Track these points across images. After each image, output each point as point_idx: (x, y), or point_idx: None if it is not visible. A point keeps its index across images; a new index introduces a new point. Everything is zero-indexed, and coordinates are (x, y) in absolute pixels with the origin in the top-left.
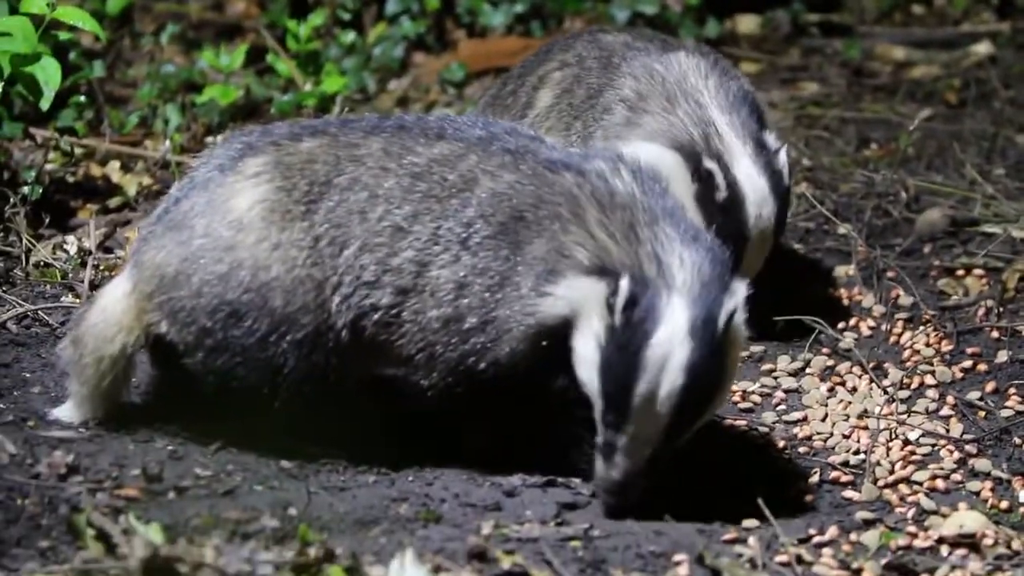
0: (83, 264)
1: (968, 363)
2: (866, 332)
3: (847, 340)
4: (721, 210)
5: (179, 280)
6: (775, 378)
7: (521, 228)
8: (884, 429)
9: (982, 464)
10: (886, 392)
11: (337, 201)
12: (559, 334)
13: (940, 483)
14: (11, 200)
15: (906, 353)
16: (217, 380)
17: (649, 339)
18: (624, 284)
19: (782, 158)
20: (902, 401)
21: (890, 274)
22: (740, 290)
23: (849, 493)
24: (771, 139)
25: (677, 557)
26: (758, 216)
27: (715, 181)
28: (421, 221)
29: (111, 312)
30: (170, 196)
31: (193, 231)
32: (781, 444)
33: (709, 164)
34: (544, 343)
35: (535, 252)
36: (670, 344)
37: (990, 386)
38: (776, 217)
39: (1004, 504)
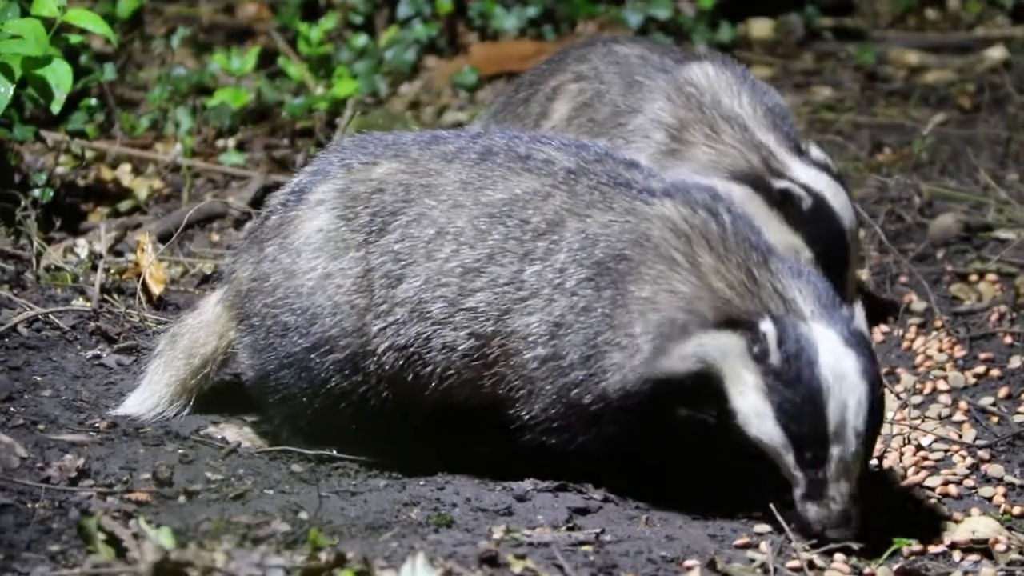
0: (94, 268)
1: (981, 368)
2: (879, 337)
3: None
4: (812, 219)
5: (249, 296)
6: None
7: (624, 268)
8: (897, 434)
9: (995, 469)
10: (899, 397)
11: (400, 235)
12: (684, 382)
13: (952, 488)
14: (22, 203)
15: (919, 358)
16: (257, 377)
17: (817, 361)
18: (767, 327)
19: (829, 162)
20: (915, 406)
21: (903, 279)
22: (857, 305)
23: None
24: (814, 150)
25: (689, 562)
26: (842, 205)
27: (794, 194)
28: (498, 263)
29: (204, 317)
30: (268, 205)
31: (263, 252)
32: None
33: (780, 183)
34: (674, 391)
35: (644, 294)
36: (837, 359)
37: (1003, 391)
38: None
39: (1017, 510)
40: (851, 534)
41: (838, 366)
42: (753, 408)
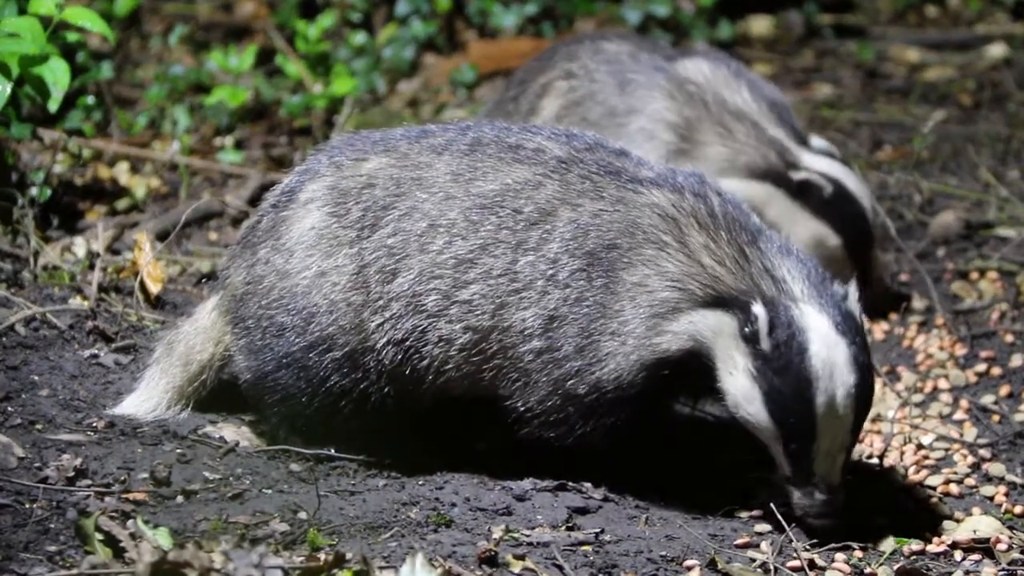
0: (91, 266)
1: (982, 367)
2: (880, 335)
3: None
4: (834, 205)
5: (244, 300)
6: None
7: (615, 256)
8: (898, 433)
9: (996, 468)
10: (900, 396)
11: (392, 229)
12: (679, 363)
13: (954, 488)
14: (19, 202)
15: (920, 357)
16: (255, 378)
17: (807, 350)
18: (759, 310)
19: (833, 150)
20: (916, 405)
21: (904, 277)
22: (851, 285)
23: (862, 497)
24: (815, 140)
25: (689, 562)
26: (860, 188)
27: (815, 183)
28: (491, 254)
29: (200, 324)
30: (259, 209)
31: (256, 255)
32: None
33: (799, 174)
34: (664, 372)
35: (634, 279)
36: (828, 348)
37: (1004, 390)
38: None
39: (1018, 509)
40: (832, 523)
41: (828, 355)
42: (742, 391)
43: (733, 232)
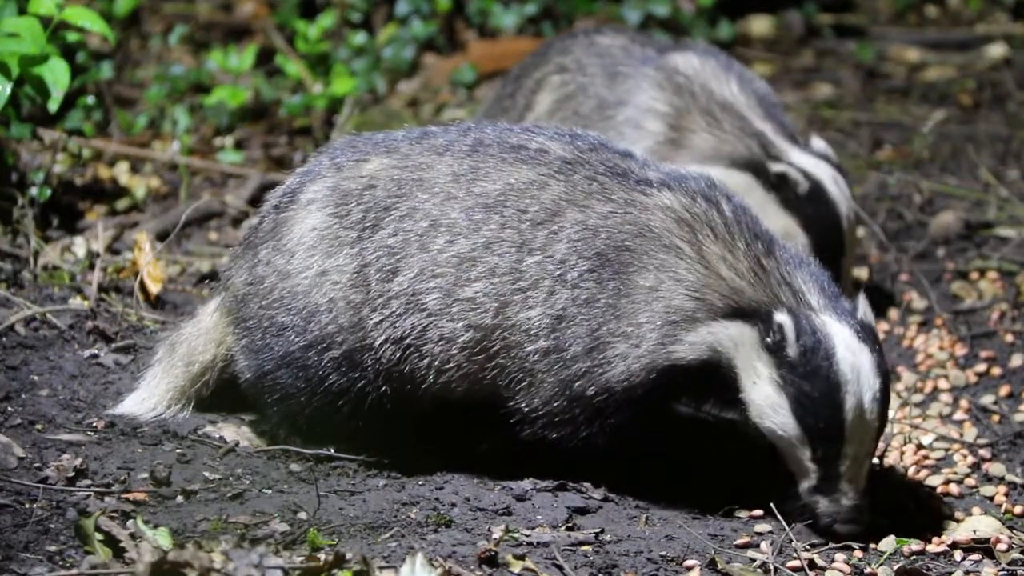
0: (91, 266)
1: (982, 367)
2: (880, 336)
3: None
4: (808, 204)
5: (245, 301)
6: None
7: (626, 258)
8: (898, 433)
9: (996, 468)
10: (900, 396)
11: (393, 229)
12: (692, 370)
13: (954, 488)
14: (19, 202)
15: (920, 357)
16: (255, 377)
17: (834, 356)
18: (783, 319)
19: (830, 153)
20: (916, 405)
21: (904, 277)
22: (861, 297)
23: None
24: (815, 141)
25: (689, 562)
26: (839, 193)
27: (791, 178)
28: (495, 252)
29: (202, 325)
30: (261, 210)
31: (258, 256)
32: None
33: (777, 167)
34: (676, 378)
35: (648, 283)
36: (853, 353)
37: (1004, 390)
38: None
39: (1018, 509)
40: (860, 529)
41: (855, 360)
42: (767, 400)
43: (748, 242)
